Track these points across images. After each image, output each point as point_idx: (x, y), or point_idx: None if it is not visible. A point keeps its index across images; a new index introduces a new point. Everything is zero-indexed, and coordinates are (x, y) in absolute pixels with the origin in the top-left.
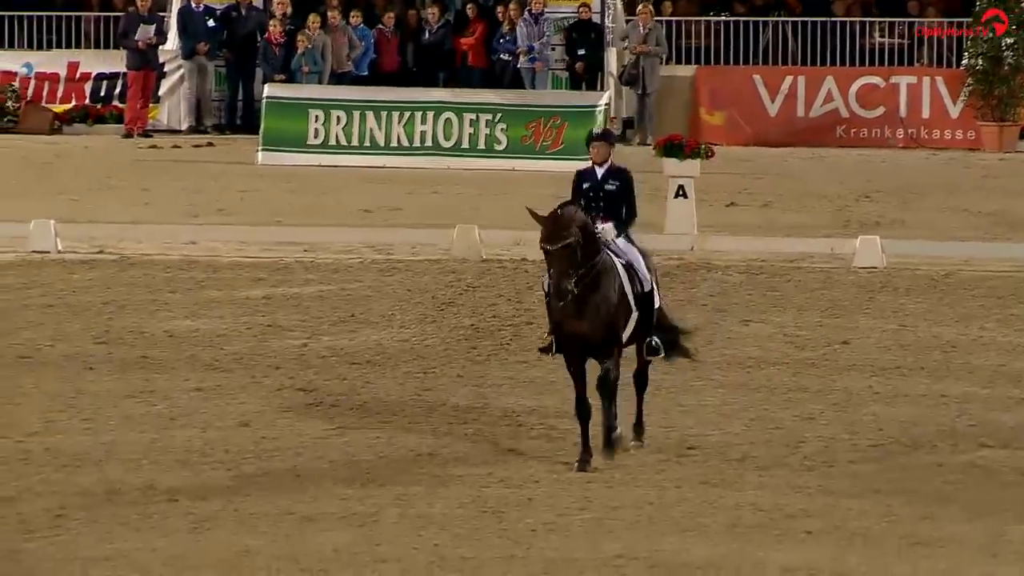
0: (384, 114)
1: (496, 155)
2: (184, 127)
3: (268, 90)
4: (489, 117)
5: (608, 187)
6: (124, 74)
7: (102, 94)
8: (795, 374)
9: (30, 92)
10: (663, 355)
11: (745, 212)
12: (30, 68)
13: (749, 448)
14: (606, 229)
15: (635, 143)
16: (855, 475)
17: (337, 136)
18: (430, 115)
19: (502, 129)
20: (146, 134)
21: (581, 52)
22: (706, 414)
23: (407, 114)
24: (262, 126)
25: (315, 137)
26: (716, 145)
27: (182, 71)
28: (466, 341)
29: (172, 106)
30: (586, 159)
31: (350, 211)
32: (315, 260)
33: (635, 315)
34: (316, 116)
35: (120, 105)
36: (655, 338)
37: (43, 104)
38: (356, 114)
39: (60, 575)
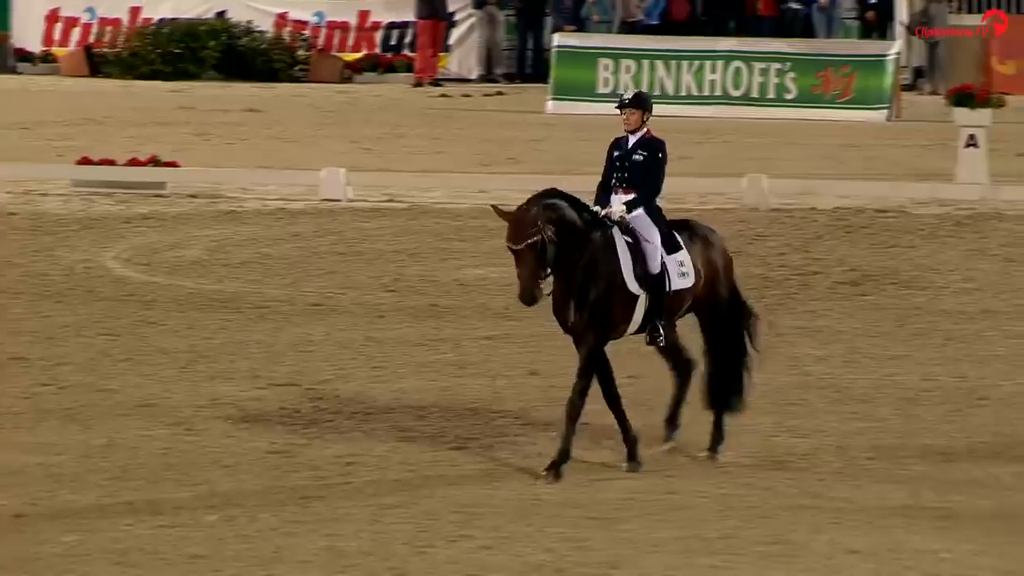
0: (674, 63)
1: (785, 104)
2: (474, 76)
3: (558, 39)
4: (779, 66)
5: (636, 157)
6: (414, 23)
7: (392, 43)
8: None
9: (321, 41)
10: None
11: None
12: (321, 17)
13: None
14: (612, 210)
15: (925, 92)
16: None
17: (626, 85)
18: (719, 64)
19: (791, 78)
20: (436, 83)
21: (872, 0)
22: (998, 364)
23: (696, 63)
24: (552, 75)
25: (604, 86)
26: (1008, 95)
27: (472, 20)
28: (755, 290)
29: (462, 55)
30: (877, 108)
31: None
32: None
33: (642, 297)
34: (605, 65)
35: (410, 54)
36: (660, 324)
37: (334, 53)
38: (645, 63)
39: (355, 522)
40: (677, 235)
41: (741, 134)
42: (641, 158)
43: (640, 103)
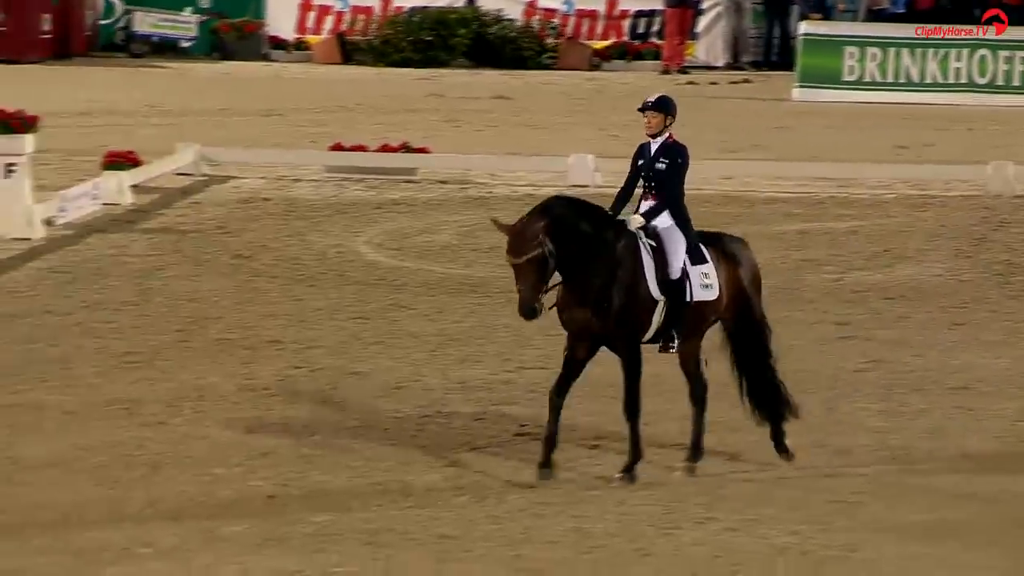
0: (919, 51)
1: None
2: (720, 63)
3: (804, 27)
4: None
5: (659, 165)
6: (662, 11)
7: (640, 31)
8: None
9: (569, 29)
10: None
11: None
12: (570, 6)
13: None
14: (633, 219)
15: None
16: None
17: (872, 73)
18: (965, 52)
19: None
20: (683, 70)
21: None
22: None
23: (942, 51)
24: (798, 63)
25: (850, 74)
26: None
27: (719, 8)
28: (999, 277)
29: (709, 43)
30: None
31: (884, 147)
32: (849, 195)
33: (660, 303)
34: (851, 53)
35: (658, 42)
36: (675, 333)
37: (582, 41)
38: (891, 51)
39: (601, 504)
40: (704, 248)
41: (986, 121)
42: (663, 166)
43: (663, 107)
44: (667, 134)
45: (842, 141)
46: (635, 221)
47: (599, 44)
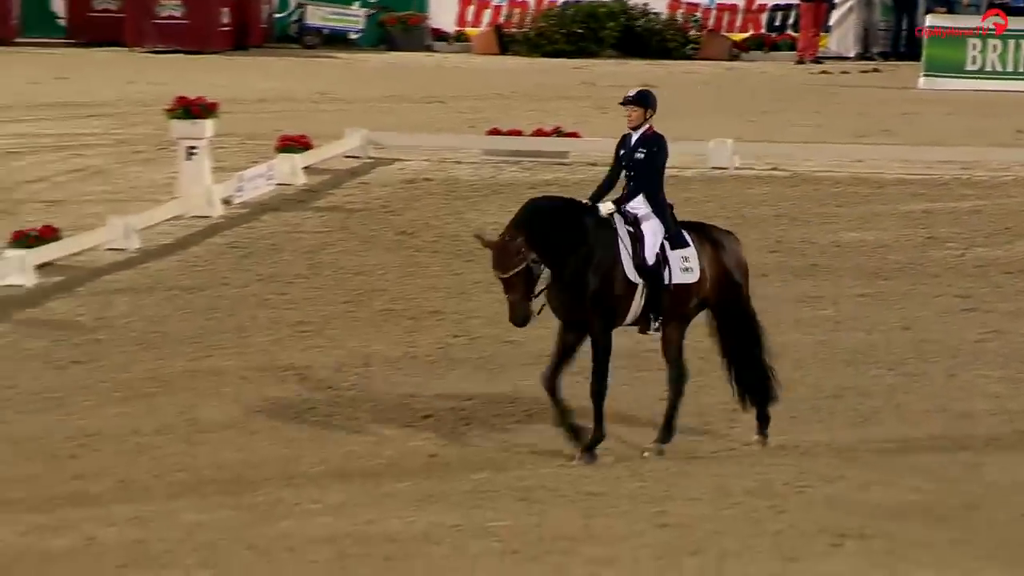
0: None
1: None
2: (852, 54)
3: (930, 20)
4: None
5: (637, 155)
6: (797, 5)
7: (776, 24)
8: None
9: (711, 22)
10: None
11: None
12: (712, 0)
13: None
14: (604, 205)
15: None
16: None
17: (993, 63)
18: None
19: None
20: (817, 60)
21: None
22: None
23: None
24: (924, 54)
25: (972, 64)
26: None
27: (851, 2)
28: None
29: (841, 35)
30: None
31: (1004, 132)
32: (971, 177)
33: (640, 286)
34: (973, 44)
35: (793, 34)
36: (654, 315)
37: (723, 33)
38: (1011, 43)
39: (740, 464)
40: (686, 233)
41: None
42: (642, 155)
43: (643, 101)
44: (647, 126)
45: (965, 127)
46: (606, 207)
47: (738, 36)
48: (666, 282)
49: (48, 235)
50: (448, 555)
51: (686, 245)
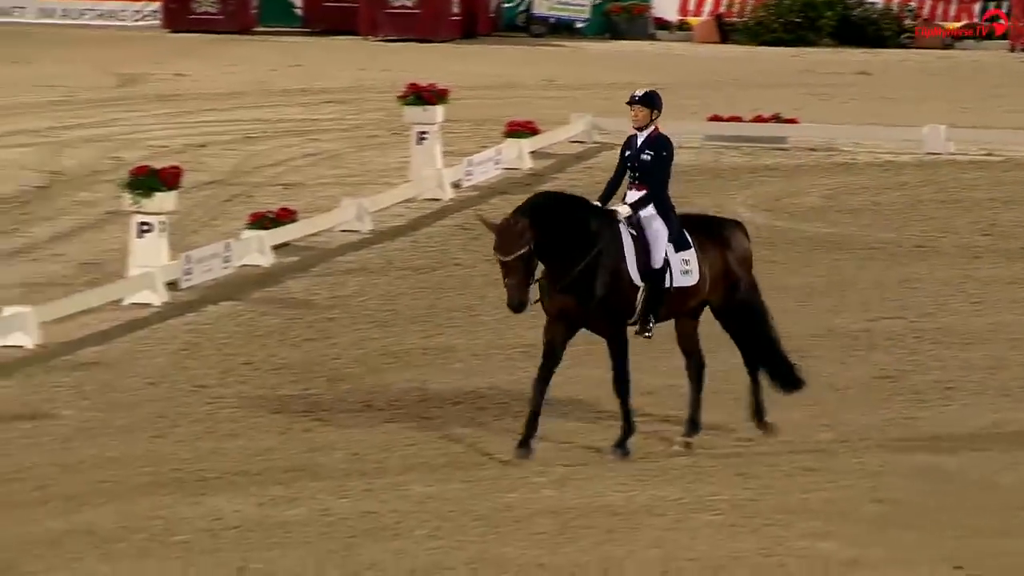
0: None
1: None
2: None
3: None
4: None
5: (644, 157)
6: None
7: (990, 13)
8: None
9: (925, 11)
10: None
11: None
12: None
13: None
14: (621, 209)
15: None
16: None
17: None
18: None
19: None
20: None
21: None
22: None
23: None
24: None
25: None
26: None
27: None
28: None
29: None
30: None
31: None
32: None
33: (642, 288)
34: None
35: (1006, 23)
36: (652, 317)
37: (937, 22)
38: None
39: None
40: (689, 235)
41: None
42: (648, 157)
43: (649, 102)
44: (653, 127)
45: None
46: (623, 211)
47: (952, 25)
48: (667, 285)
49: (285, 217)
50: (670, 527)
51: (687, 247)
